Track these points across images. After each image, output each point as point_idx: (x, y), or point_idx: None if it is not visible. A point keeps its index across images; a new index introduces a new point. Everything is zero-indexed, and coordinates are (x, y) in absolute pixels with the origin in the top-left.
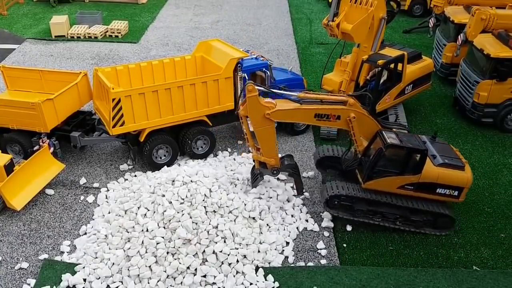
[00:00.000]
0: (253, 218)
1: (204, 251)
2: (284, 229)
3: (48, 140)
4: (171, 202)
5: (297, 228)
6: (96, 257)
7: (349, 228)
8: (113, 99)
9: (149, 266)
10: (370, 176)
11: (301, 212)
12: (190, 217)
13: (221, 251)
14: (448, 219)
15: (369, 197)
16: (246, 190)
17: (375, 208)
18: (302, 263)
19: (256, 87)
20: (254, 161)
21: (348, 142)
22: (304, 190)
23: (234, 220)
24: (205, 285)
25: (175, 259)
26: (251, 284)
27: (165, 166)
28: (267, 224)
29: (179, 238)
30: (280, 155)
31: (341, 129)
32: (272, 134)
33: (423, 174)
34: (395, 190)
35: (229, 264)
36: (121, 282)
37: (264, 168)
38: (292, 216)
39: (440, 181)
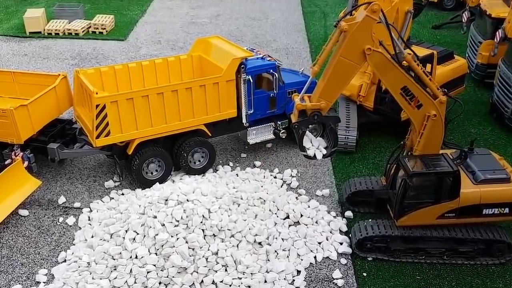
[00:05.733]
0: (259, 243)
1: (202, 281)
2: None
3: (21, 153)
4: (164, 225)
5: (312, 252)
6: None
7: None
8: (97, 106)
9: None
10: (401, 212)
11: (313, 236)
12: (186, 242)
13: (221, 281)
14: (503, 243)
15: (406, 234)
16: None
17: (415, 245)
18: None
19: (381, 16)
20: (290, 117)
21: (398, 147)
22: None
23: (237, 246)
24: None
25: None
26: None
27: (157, 183)
28: (275, 251)
29: (173, 266)
30: None
31: (360, 140)
32: (352, 75)
33: (462, 197)
34: (435, 222)
35: None
36: None
37: (303, 119)
38: (305, 243)
39: (484, 201)
